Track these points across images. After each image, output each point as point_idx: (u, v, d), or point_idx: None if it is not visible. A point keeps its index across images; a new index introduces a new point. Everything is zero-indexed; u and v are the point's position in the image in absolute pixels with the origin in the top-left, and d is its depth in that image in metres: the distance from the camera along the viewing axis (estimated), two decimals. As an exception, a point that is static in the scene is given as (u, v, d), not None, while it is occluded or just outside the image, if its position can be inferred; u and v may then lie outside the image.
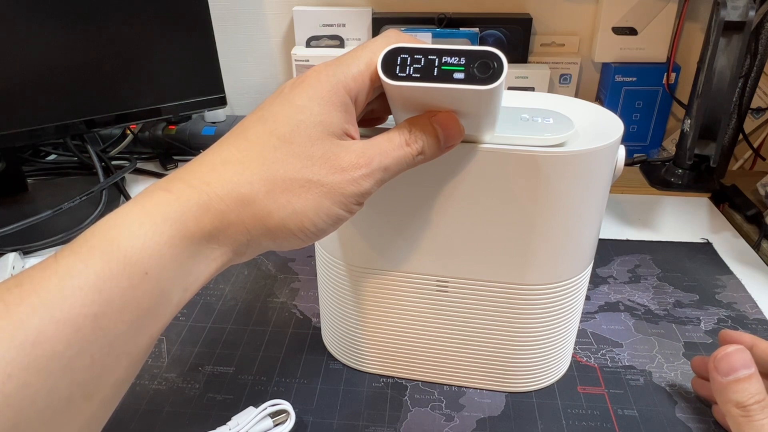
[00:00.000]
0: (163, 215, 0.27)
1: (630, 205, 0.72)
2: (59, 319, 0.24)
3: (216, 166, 0.29)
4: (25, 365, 0.23)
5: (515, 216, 0.37)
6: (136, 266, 0.26)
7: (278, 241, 0.30)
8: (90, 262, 0.25)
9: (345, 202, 0.30)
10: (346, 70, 0.30)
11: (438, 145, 0.32)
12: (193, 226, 0.27)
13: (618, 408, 0.44)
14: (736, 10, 0.61)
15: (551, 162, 0.35)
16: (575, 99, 0.42)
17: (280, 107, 0.30)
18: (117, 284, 0.25)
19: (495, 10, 0.83)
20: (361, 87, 0.30)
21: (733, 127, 0.73)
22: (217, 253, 0.29)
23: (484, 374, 0.45)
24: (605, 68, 0.85)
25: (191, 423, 0.43)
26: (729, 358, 0.38)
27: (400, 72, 0.29)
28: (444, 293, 0.42)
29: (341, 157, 0.29)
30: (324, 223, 0.30)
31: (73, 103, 0.67)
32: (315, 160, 0.29)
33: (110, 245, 0.26)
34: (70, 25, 0.64)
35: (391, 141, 0.31)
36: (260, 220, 0.29)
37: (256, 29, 0.88)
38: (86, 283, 0.25)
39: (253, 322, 0.53)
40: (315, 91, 0.29)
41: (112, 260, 0.25)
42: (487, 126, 0.34)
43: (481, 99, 0.29)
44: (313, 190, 0.29)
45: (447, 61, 0.28)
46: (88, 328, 0.24)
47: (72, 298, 0.24)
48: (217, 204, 0.28)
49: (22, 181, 0.74)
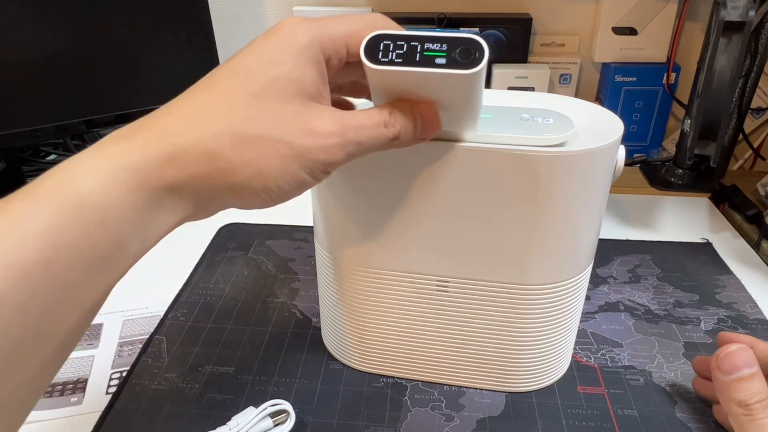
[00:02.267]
0: (123, 164, 0.26)
1: (630, 205, 0.72)
2: (8, 263, 0.23)
3: (183, 117, 0.28)
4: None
5: (515, 216, 0.37)
6: (92, 214, 0.25)
7: (241, 199, 0.29)
8: (44, 206, 0.24)
9: (312, 168, 0.29)
10: (324, 28, 0.29)
11: (414, 134, 0.31)
12: (156, 176, 0.26)
13: (618, 408, 0.44)
14: (736, 10, 0.61)
15: (551, 162, 0.35)
16: (575, 99, 0.42)
17: (253, 60, 0.28)
18: (71, 231, 0.24)
19: (495, 10, 0.83)
20: (336, 49, 0.29)
21: (733, 127, 0.73)
22: (179, 207, 0.28)
23: (484, 374, 0.45)
24: (605, 68, 0.85)
25: (191, 423, 0.43)
26: (732, 356, 0.38)
27: (383, 57, 0.29)
28: (444, 293, 0.42)
29: (313, 120, 0.28)
30: (288, 185, 0.29)
31: (73, 103, 0.67)
32: (286, 120, 0.28)
33: (66, 191, 0.25)
34: (70, 25, 0.64)
35: (370, 118, 0.30)
36: (225, 176, 0.28)
37: (256, 29, 0.88)
38: (38, 227, 0.24)
39: (253, 322, 0.53)
40: (290, 44, 0.28)
41: (67, 206, 0.24)
42: (468, 121, 0.34)
43: (461, 85, 0.29)
44: (281, 151, 0.28)
45: (429, 47, 0.28)
46: (40, 273, 0.24)
47: (23, 242, 0.23)
48: (182, 156, 0.27)
49: (22, 181, 0.74)
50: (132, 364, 0.48)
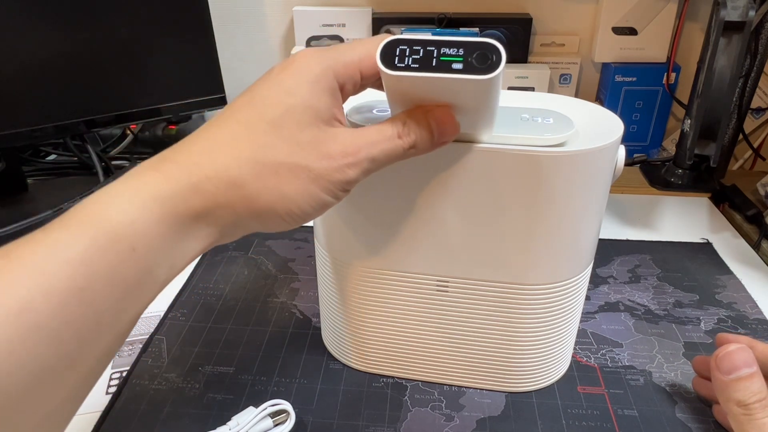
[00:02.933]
0: (152, 194, 0.27)
1: (630, 205, 0.72)
2: (46, 290, 0.24)
3: (206, 148, 0.29)
4: (10, 335, 0.23)
5: (515, 216, 0.37)
6: (124, 242, 0.26)
7: (265, 224, 0.30)
8: (78, 235, 0.25)
9: (332, 189, 0.30)
10: (338, 57, 0.30)
11: (431, 140, 0.32)
12: (182, 205, 0.28)
13: (618, 408, 0.44)
14: (736, 10, 0.61)
15: (551, 162, 0.35)
16: (575, 99, 0.42)
17: (269, 90, 0.30)
18: (104, 259, 0.25)
19: (495, 10, 0.83)
20: (349, 76, 0.30)
21: (733, 127, 0.73)
22: (204, 233, 0.29)
23: (484, 374, 0.45)
24: (605, 68, 0.85)
25: (191, 423, 0.43)
26: (731, 356, 0.38)
27: (399, 62, 0.29)
28: (444, 293, 0.42)
29: (329, 144, 0.30)
30: (311, 207, 0.30)
31: (73, 103, 0.67)
32: (303, 146, 0.29)
33: (99, 220, 0.26)
34: (70, 24, 0.64)
35: (381, 132, 0.31)
36: (248, 203, 0.29)
37: (256, 29, 0.88)
38: (74, 256, 0.25)
39: (253, 322, 0.53)
40: (304, 75, 0.29)
41: (101, 235, 0.25)
42: (485, 124, 0.34)
43: (478, 90, 0.29)
44: (301, 175, 0.29)
45: (446, 52, 0.28)
46: (74, 300, 0.24)
47: (59, 270, 0.24)
48: (207, 185, 0.28)
49: (22, 181, 0.74)
50: (132, 364, 0.48)
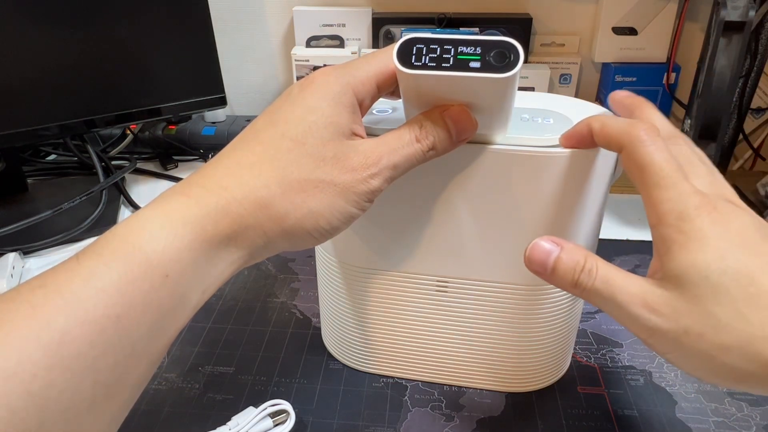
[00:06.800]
0: (182, 219, 0.27)
1: (630, 205, 0.72)
2: (84, 320, 0.24)
3: (232, 170, 0.29)
4: (51, 365, 0.23)
5: (515, 216, 0.37)
6: (157, 269, 0.26)
7: (293, 241, 0.31)
8: (112, 264, 0.26)
9: (357, 200, 0.31)
10: (355, 73, 0.31)
11: (450, 139, 0.32)
12: (212, 229, 0.28)
13: (618, 408, 0.44)
14: (736, 10, 0.61)
15: (551, 162, 0.35)
16: (575, 99, 0.42)
17: (291, 109, 0.30)
18: (139, 286, 0.26)
19: (495, 10, 0.83)
20: (367, 91, 0.31)
21: (733, 127, 0.73)
22: (235, 256, 0.29)
23: (484, 374, 0.45)
24: (605, 68, 0.85)
25: (191, 423, 0.43)
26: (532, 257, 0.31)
27: (416, 61, 0.29)
28: (444, 293, 0.42)
29: (351, 157, 0.30)
30: (338, 221, 0.31)
31: (73, 103, 0.67)
32: (327, 161, 0.30)
33: (132, 248, 0.26)
34: (70, 25, 0.64)
35: (400, 138, 0.31)
36: (277, 222, 0.29)
37: (256, 29, 0.88)
38: (109, 284, 0.25)
39: (253, 322, 0.53)
40: (324, 92, 0.30)
41: (134, 263, 0.26)
42: (500, 124, 0.34)
43: (496, 88, 0.29)
44: (326, 190, 0.30)
45: (463, 50, 0.28)
46: (111, 329, 0.25)
47: (96, 299, 0.25)
48: (235, 208, 0.28)
49: (22, 181, 0.74)
50: (132, 364, 0.48)
